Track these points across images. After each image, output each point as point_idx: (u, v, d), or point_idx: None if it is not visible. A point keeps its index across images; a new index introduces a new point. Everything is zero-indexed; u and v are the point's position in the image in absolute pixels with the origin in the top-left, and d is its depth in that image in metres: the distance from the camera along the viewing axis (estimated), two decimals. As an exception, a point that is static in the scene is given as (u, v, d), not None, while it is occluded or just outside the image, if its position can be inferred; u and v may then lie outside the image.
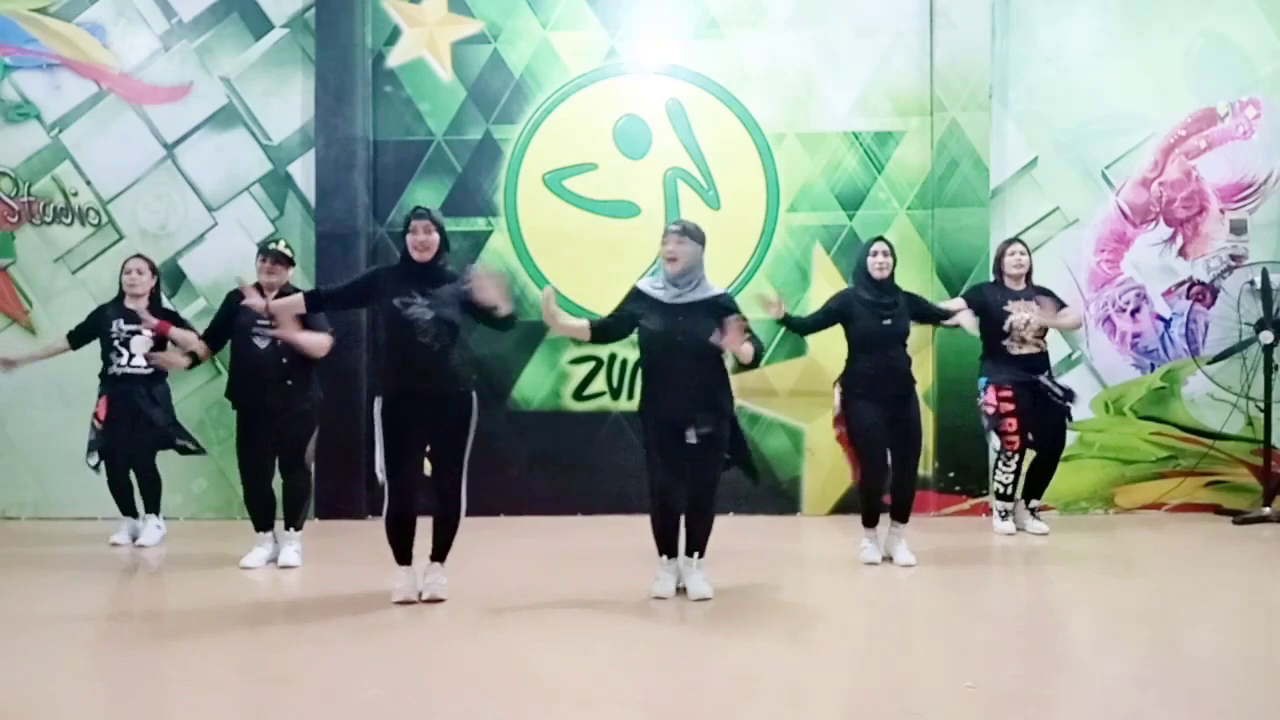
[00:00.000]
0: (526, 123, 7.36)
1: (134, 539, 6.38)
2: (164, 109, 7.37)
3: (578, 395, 7.35)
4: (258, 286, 5.58)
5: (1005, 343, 6.40)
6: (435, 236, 4.85)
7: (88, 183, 7.36)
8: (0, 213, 7.37)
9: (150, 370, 6.23)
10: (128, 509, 6.39)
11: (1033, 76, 7.30)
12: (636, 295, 5.00)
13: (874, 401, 5.59)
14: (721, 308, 4.88)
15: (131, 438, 6.25)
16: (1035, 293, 6.43)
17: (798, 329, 6.00)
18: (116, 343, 6.26)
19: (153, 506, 6.41)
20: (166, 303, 6.80)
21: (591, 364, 7.36)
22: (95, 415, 6.27)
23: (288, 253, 5.77)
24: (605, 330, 5.08)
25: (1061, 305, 6.44)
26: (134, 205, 7.35)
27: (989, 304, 6.41)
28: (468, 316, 4.95)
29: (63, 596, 5.22)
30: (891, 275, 5.69)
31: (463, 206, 7.32)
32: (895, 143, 7.29)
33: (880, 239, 5.82)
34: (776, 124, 7.34)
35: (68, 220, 7.37)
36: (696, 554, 4.97)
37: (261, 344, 5.58)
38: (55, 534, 6.66)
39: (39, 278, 7.36)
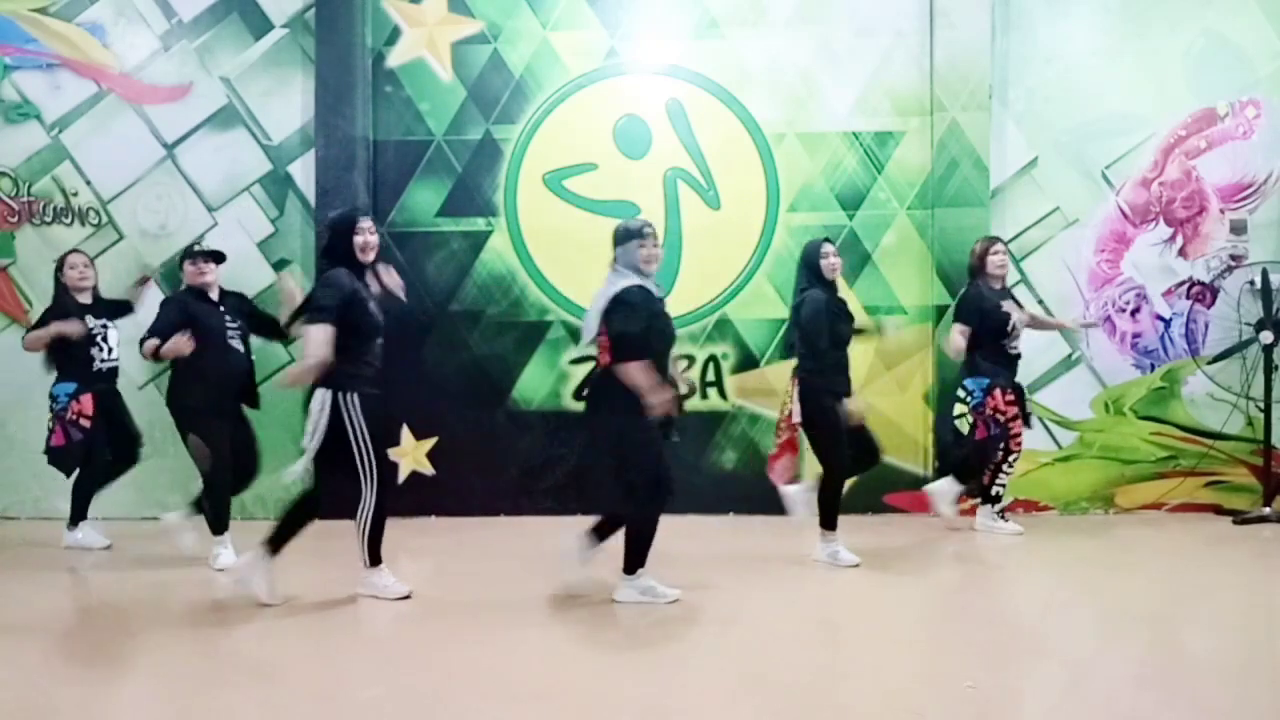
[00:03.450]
0: (526, 123, 7.36)
1: (90, 544, 6.33)
2: (164, 109, 7.37)
3: (578, 395, 7.34)
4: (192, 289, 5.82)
5: (1006, 343, 6.38)
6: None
7: (88, 183, 7.36)
8: (0, 213, 7.37)
9: (118, 362, 6.25)
10: (84, 513, 6.35)
11: (1033, 76, 7.30)
12: (648, 296, 4.89)
13: (840, 401, 5.67)
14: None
15: (109, 438, 6.20)
16: (1008, 294, 6.52)
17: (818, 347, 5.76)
18: (98, 339, 6.19)
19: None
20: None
21: (591, 364, 7.33)
22: (77, 415, 6.07)
23: (216, 250, 5.87)
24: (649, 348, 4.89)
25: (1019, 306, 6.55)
26: (134, 205, 7.35)
27: (988, 305, 6.37)
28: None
29: (62, 597, 5.22)
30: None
31: (463, 206, 7.33)
32: (895, 143, 7.29)
33: (828, 239, 5.89)
34: (776, 124, 7.34)
35: (68, 220, 7.37)
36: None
37: (240, 347, 5.78)
38: (55, 534, 6.65)
39: (39, 278, 7.36)
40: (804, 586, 5.40)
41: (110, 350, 6.23)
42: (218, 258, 5.83)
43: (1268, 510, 6.85)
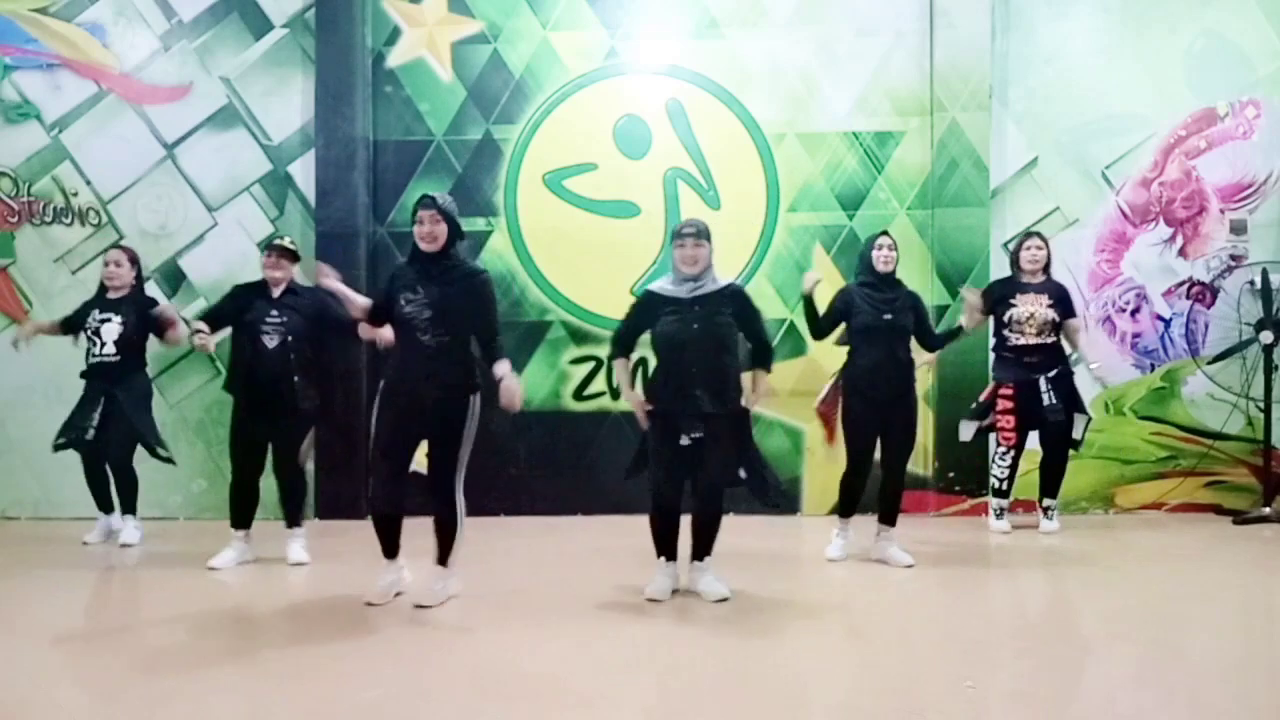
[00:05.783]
0: (526, 123, 7.36)
1: (107, 537, 6.41)
2: (164, 109, 7.38)
3: (578, 395, 7.35)
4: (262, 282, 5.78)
5: (1006, 333, 6.49)
6: (443, 227, 4.65)
7: (88, 183, 7.37)
8: (0, 213, 7.37)
9: (118, 359, 6.20)
10: (103, 504, 6.41)
11: (1033, 76, 7.30)
12: (649, 300, 4.93)
13: (869, 399, 5.63)
14: (732, 296, 4.90)
15: (102, 431, 6.21)
16: (1049, 287, 6.50)
17: (814, 333, 5.94)
18: (90, 332, 6.25)
19: (128, 507, 6.35)
20: (162, 298, 6.85)
21: (591, 364, 7.36)
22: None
23: (293, 247, 5.81)
24: (629, 348, 5.05)
25: (1068, 303, 6.54)
26: (134, 205, 7.36)
27: (998, 298, 6.51)
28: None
29: (62, 597, 5.22)
30: (894, 269, 5.73)
31: (463, 206, 7.21)
32: (895, 143, 7.29)
33: (885, 232, 5.85)
34: (776, 124, 7.34)
35: (68, 220, 7.37)
36: (705, 557, 4.99)
37: (271, 343, 5.65)
38: (55, 534, 6.66)
39: (39, 278, 7.37)
40: (802, 586, 5.39)
41: (102, 345, 6.23)
42: (291, 255, 5.86)
43: (1268, 510, 6.85)
